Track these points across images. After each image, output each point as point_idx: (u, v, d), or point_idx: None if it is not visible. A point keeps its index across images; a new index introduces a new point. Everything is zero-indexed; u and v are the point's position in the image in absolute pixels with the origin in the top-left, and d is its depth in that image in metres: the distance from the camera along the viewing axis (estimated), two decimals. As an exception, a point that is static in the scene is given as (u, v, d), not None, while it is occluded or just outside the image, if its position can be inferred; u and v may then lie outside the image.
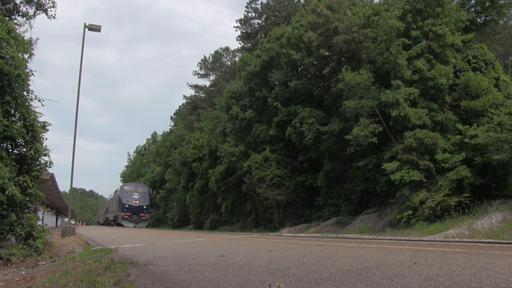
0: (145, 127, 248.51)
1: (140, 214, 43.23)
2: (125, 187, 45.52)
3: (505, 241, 7.92)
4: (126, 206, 42.36)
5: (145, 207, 44.69)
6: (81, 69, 17.26)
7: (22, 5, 11.73)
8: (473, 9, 19.71)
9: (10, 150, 8.22)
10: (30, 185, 7.97)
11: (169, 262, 4.12)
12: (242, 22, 44.56)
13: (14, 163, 7.59)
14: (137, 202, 43.58)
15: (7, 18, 9.32)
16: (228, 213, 31.01)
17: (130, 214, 42.12)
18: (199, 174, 36.72)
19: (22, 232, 8.20)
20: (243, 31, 44.89)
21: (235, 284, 2.64)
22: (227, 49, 54.05)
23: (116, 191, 48.93)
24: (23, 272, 5.88)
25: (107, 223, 54.21)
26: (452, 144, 16.24)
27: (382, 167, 16.37)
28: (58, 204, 49.73)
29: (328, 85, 21.74)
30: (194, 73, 59.11)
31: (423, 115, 16.20)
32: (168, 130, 63.00)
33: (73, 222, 44.77)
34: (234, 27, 56.79)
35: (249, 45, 43.77)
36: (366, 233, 16.20)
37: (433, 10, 16.92)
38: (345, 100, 18.47)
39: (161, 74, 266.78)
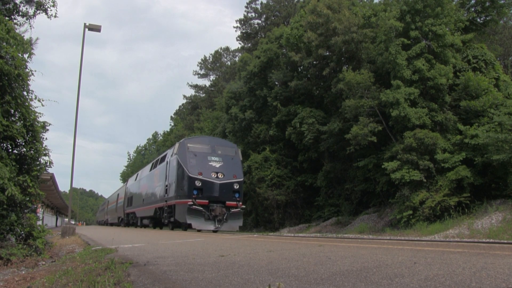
0: (145, 127, 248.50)
1: (228, 203, 17.62)
2: (189, 145, 18.69)
3: (505, 241, 7.92)
4: (198, 184, 17.16)
5: (236, 186, 18.25)
6: (81, 69, 17.24)
7: (22, 5, 11.75)
8: (473, 9, 19.74)
9: (10, 150, 8.22)
10: (30, 185, 7.97)
11: (169, 262, 4.12)
12: (242, 22, 44.59)
13: (14, 163, 7.60)
14: (221, 175, 17.96)
15: (6, 18, 9.33)
16: (228, 213, 30.96)
17: (207, 202, 17.08)
18: (199, 174, 36.68)
19: (22, 232, 8.21)
20: (243, 31, 44.92)
21: (235, 284, 2.64)
22: (227, 49, 54.10)
23: (164, 158, 21.63)
24: (23, 272, 5.88)
25: (128, 222, 30.05)
26: (452, 144, 16.26)
27: (382, 166, 16.39)
28: (58, 204, 49.71)
29: (328, 85, 21.78)
30: (194, 73, 59.20)
31: (423, 115, 16.22)
32: (168, 130, 63.06)
33: (73, 222, 44.62)
34: (234, 27, 56.90)
35: (249, 45, 43.80)
36: (366, 233, 16.20)
37: (433, 10, 16.94)
38: (345, 100, 18.50)
39: (161, 74, 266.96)
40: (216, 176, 16.97)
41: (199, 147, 18.30)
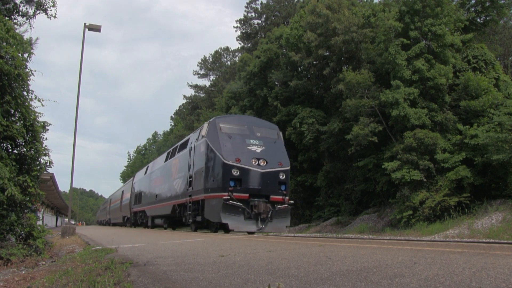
0: (145, 127, 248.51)
1: (273, 197, 13.08)
2: (222, 125, 14.17)
3: (505, 241, 7.92)
4: (235, 173, 12.78)
5: (282, 176, 13.47)
6: (81, 69, 17.23)
7: (22, 5, 11.75)
8: (473, 9, 19.75)
9: (10, 150, 8.23)
10: (30, 185, 7.97)
11: (169, 262, 4.12)
12: (242, 22, 44.60)
13: (14, 163, 7.60)
14: (264, 163, 13.34)
15: (6, 18, 9.33)
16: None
17: (247, 196, 12.77)
18: (199, 174, 36.57)
19: (22, 232, 8.21)
20: (243, 31, 44.94)
21: (235, 284, 2.64)
22: (227, 49, 54.11)
23: (186, 144, 17.09)
24: (23, 272, 5.88)
25: (135, 221, 26.47)
26: (452, 144, 16.28)
27: (383, 166, 16.40)
28: (58, 204, 49.71)
29: (328, 85, 21.80)
30: (194, 73, 59.20)
31: (422, 115, 16.23)
32: (168, 130, 63.09)
33: (73, 222, 44.53)
34: (234, 27, 56.92)
35: (249, 45, 43.81)
36: (366, 233, 16.21)
37: (432, 10, 16.96)
38: (345, 100, 18.52)
39: (161, 74, 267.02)
40: (257, 163, 13.08)
41: (234, 128, 14.26)
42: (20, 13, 11.71)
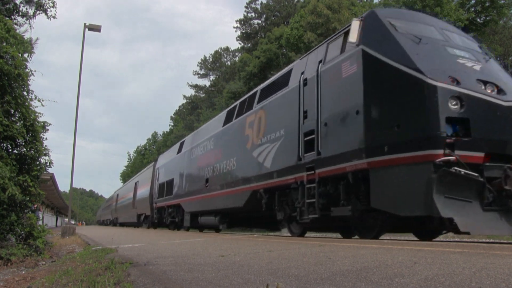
0: (145, 127, 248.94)
1: None
2: (395, 22, 6.23)
3: (505, 241, 7.93)
4: (455, 106, 5.07)
5: None
6: (81, 69, 17.24)
7: (22, 5, 11.77)
8: (473, 9, 19.79)
9: (10, 150, 8.24)
10: (31, 184, 7.99)
11: (169, 262, 4.12)
12: (242, 22, 44.64)
13: (14, 163, 7.61)
14: (494, 89, 5.43)
15: (6, 18, 9.33)
16: (228, 213, 30.85)
17: (482, 157, 5.05)
18: (199, 174, 36.47)
19: (22, 232, 8.23)
20: (243, 31, 44.98)
21: (235, 284, 2.65)
22: (227, 49, 54.17)
23: (288, 78, 8.85)
24: (23, 272, 5.89)
25: (160, 220, 20.07)
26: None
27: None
28: (58, 204, 49.72)
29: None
30: (194, 73, 59.19)
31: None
32: (168, 130, 63.16)
33: (73, 222, 44.47)
34: (234, 27, 56.91)
35: (249, 45, 43.84)
36: (366, 233, 16.15)
37: (432, 10, 16.99)
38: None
39: (161, 74, 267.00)
40: (483, 88, 5.74)
41: (417, 29, 6.80)
42: (20, 13, 11.74)
